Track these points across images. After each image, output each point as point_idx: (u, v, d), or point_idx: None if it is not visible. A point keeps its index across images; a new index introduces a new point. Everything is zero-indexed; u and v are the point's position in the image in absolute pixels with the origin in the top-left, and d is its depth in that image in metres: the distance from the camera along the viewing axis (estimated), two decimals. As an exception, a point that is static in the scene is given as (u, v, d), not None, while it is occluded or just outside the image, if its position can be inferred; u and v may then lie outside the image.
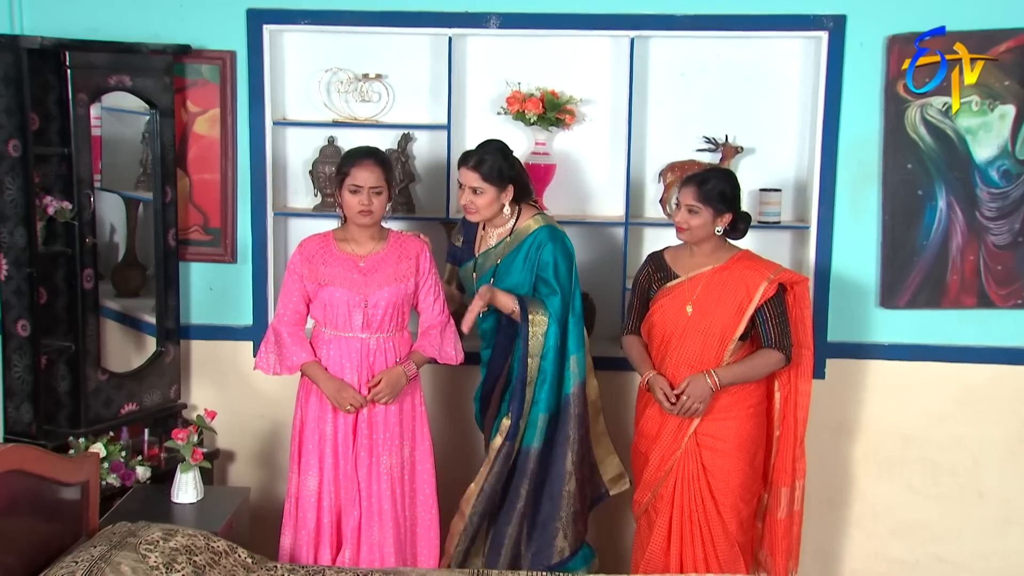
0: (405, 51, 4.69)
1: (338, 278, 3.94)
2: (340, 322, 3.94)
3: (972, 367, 4.57)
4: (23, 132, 4.03)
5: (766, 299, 3.91)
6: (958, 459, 4.64)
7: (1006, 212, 4.44)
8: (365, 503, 3.96)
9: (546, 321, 3.96)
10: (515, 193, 4.06)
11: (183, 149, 4.69)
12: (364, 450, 3.96)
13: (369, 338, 3.95)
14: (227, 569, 3.35)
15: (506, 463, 4.01)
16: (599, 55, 4.65)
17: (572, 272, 4.06)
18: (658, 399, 3.94)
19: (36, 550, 3.22)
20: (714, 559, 3.99)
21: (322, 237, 4.04)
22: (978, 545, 4.67)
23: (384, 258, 3.99)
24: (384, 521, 3.96)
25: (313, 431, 3.98)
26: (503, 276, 4.06)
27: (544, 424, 4.00)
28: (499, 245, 4.10)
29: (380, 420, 3.97)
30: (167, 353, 4.63)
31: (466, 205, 4.03)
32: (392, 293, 3.95)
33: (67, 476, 3.35)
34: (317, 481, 3.97)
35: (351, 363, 3.95)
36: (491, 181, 3.99)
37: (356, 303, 3.92)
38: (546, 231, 4.05)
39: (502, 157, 4.03)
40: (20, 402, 4.14)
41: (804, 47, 4.56)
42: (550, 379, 3.98)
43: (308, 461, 3.97)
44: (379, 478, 3.96)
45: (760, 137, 4.63)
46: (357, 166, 3.91)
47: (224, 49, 4.60)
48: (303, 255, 3.99)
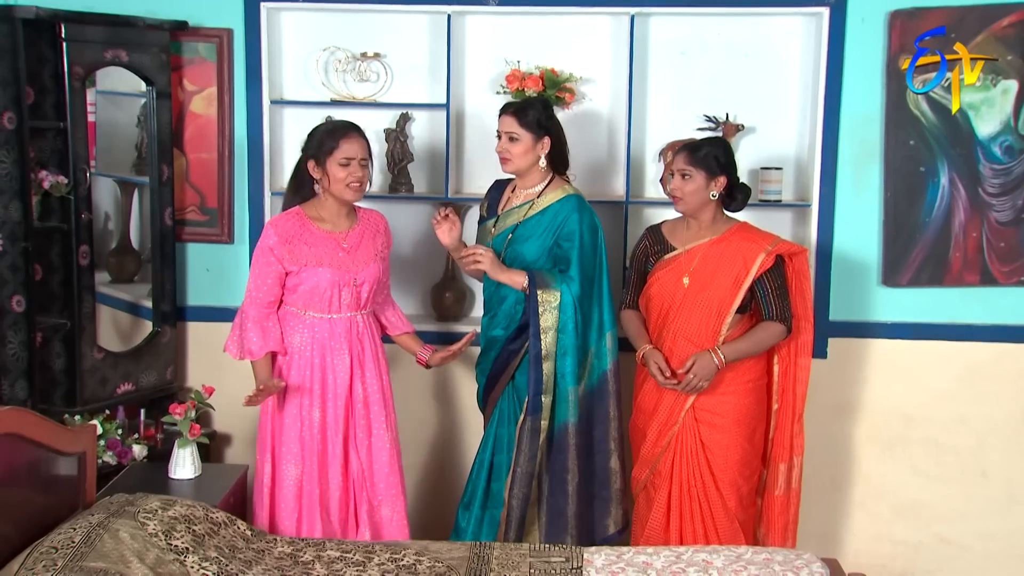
0: (403, 30, 4.66)
1: (324, 258, 3.82)
2: (327, 303, 3.84)
3: (975, 345, 4.54)
4: (18, 104, 3.98)
5: (764, 270, 3.88)
6: (961, 439, 4.61)
7: (1009, 188, 4.42)
8: (370, 483, 3.90)
9: (558, 295, 3.93)
10: (552, 157, 4.03)
11: (180, 128, 4.65)
12: (362, 430, 3.90)
13: (356, 315, 3.89)
14: (226, 539, 3.30)
15: (533, 440, 3.96)
16: (599, 34, 4.63)
17: (598, 246, 4.03)
18: (652, 373, 3.92)
19: (33, 521, 3.17)
20: (714, 535, 3.95)
21: (295, 215, 3.87)
22: (981, 525, 4.63)
23: (362, 234, 3.92)
24: (394, 497, 3.92)
25: (295, 419, 3.85)
26: (522, 237, 4.03)
27: (576, 398, 3.97)
28: (524, 206, 4.06)
29: (377, 398, 3.92)
30: (163, 333, 4.58)
31: (501, 153, 4.00)
32: (376, 269, 3.90)
33: (64, 445, 3.30)
34: (300, 469, 3.85)
35: (341, 344, 3.85)
36: (528, 127, 3.95)
37: (346, 282, 3.84)
38: (575, 200, 4.02)
39: (542, 107, 4.02)
40: (15, 379, 4.09)
41: (805, 24, 4.54)
42: (572, 351, 3.94)
43: (290, 449, 3.85)
44: (382, 455, 3.91)
45: (761, 115, 4.61)
46: (346, 139, 3.82)
47: (221, 27, 4.58)
48: (280, 236, 3.80)
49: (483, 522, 4.06)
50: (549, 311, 3.94)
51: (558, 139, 4.05)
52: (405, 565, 3.29)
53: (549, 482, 4.02)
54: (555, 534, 4.00)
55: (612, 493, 4.08)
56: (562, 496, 4.00)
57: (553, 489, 4.01)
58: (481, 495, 4.07)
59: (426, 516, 4.74)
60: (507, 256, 4.04)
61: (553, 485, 4.01)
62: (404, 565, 3.29)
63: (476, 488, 4.08)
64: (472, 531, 4.06)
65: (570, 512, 4.01)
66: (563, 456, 3.99)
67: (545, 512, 4.02)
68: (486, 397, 4.14)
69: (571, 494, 4.00)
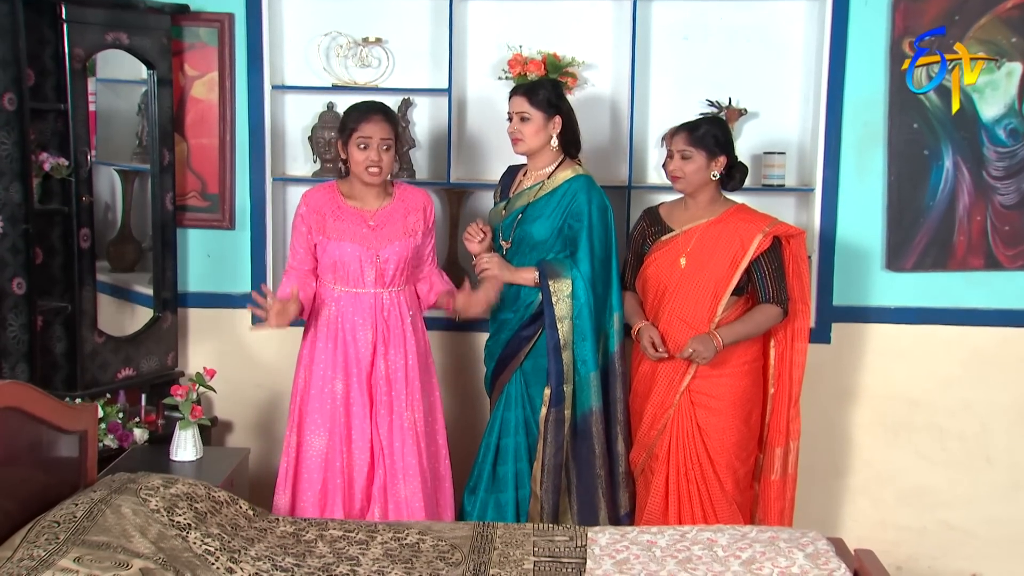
0: (405, 15, 4.65)
1: (347, 233, 3.85)
2: (352, 278, 3.87)
3: (979, 330, 4.53)
4: (18, 85, 3.95)
5: (761, 252, 3.87)
6: (965, 424, 4.59)
7: (1013, 171, 4.41)
8: (388, 461, 3.88)
9: (570, 282, 3.93)
10: (563, 139, 4.02)
11: (181, 114, 4.63)
12: (384, 407, 3.88)
13: (382, 292, 3.88)
14: (229, 518, 3.28)
15: (559, 431, 3.96)
16: (601, 18, 4.61)
17: (608, 226, 4.02)
18: (643, 346, 3.92)
19: (35, 500, 3.14)
20: (712, 519, 3.95)
21: (327, 189, 3.95)
22: (986, 511, 4.61)
23: (392, 212, 3.92)
24: (411, 477, 3.88)
25: (320, 391, 3.88)
26: (531, 217, 4.01)
27: (598, 383, 3.97)
28: (534, 187, 4.05)
29: (401, 377, 3.90)
30: (164, 319, 4.56)
31: (512, 134, 4.00)
32: (403, 247, 3.88)
33: (66, 423, 3.28)
34: (324, 441, 3.87)
35: (364, 319, 3.87)
36: (539, 107, 3.95)
37: (368, 258, 3.84)
38: (584, 180, 4.01)
39: (552, 87, 4.02)
40: (16, 362, 4.06)
41: (808, 8, 4.52)
42: (590, 335, 3.95)
43: (315, 420, 3.87)
44: (403, 434, 3.88)
45: (764, 100, 4.59)
46: (367, 120, 3.82)
47: (222, 11, 4.56)
48: (310, 206, 3.89)
49: (488, 506, 4.05)
50: (562, 300, 3.93)
51: (569, 119, 4.04)
52: (408, 544, 3.27)
53: (577, 470, 4.01)
54: (588, 522, 3.97)
55: (624, 474, 4.07)
56: (592, 482, 4.00)
57: (582, 476, 4.00)
58: (487, 478, 4.05)
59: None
60: (516, 236, 4.03)
61: (581, 472, 4.00)
62: (407, 544, 3.27)
63: (482, 472, 4.07)
64: (478, 515, 4.04)
65: (600, 497, 4.01)
66: (588, 442, 3.99)
67: (576, 500, 4.02)
68: (494, 380, 4.12)
69: (602, 478, 4.00)
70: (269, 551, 3.17)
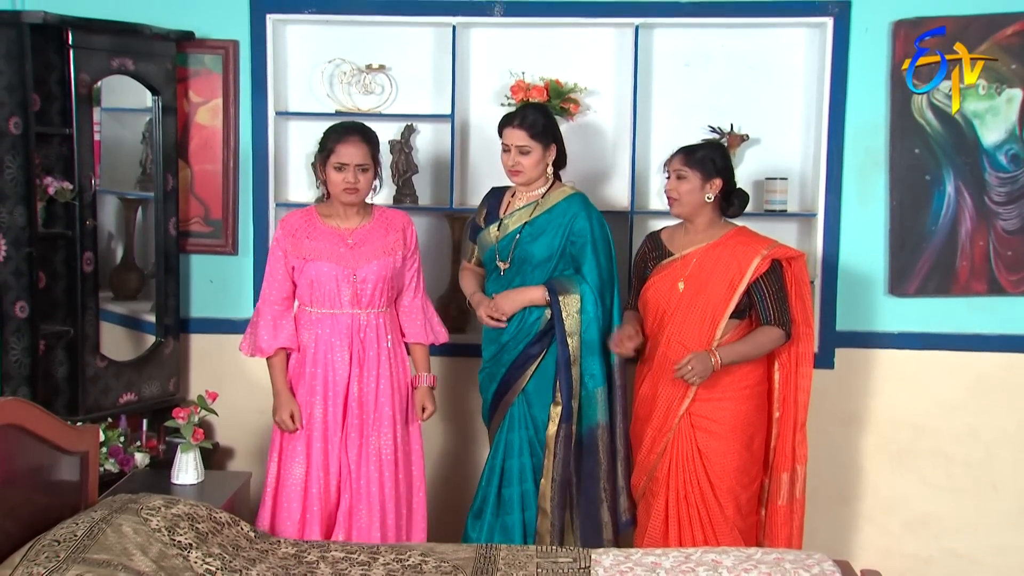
0: (408, 42, 4.68)
1: (324, 252, 3.83)
2: (328, 299, 3.84)
3: (983, 355, 4.51)
4: (24, 110, 3.98)
5: (759, 274, 3.85)
6: (971, 450, 4.56)
7: (1015, 197, 4.41)
8: (354, 485, 3.85)
9: (579, 297, 3.95)
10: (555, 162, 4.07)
11: (185, 139, 4.66)
12: (355, 431, 3.85)
13: (359, 314, 3.86)
14: (230, 538, 3.27)
15: (567, 447, 3.97)
16: (603, 45, 4.64)
17: (609, 241, 4.06)
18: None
19: (35, 520, 3.12)
20: (714, 543, 3.89)
21: (304, 212, 3.93)
22: (993, 539, 4.58)
23: (371, 231, 3.91)
24: (372, 504, 3.84)
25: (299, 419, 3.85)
26: (531, 236, 4.02)
27: (605, 397, 3.99)
28: (529, 206, 4.06)
29: (371, 401, 3.86)
30: (166, 345, 4.56)
31: (512, 167, 4.01)
32: (381, 266, 3.86)
33: (67, 443, 3.26)
34: (303, 469, 3.83)
35: (341, 341, 3.84)
36: (538, 138, 3.98)
37: (345, 277, 3.82)
38: (580, 199, 4.05)
39: (545, 115, 4.04)
40: (17, 386, 4.05)
41: (809, 35, 4.55)
42: (598, 349, 3.97)
43: (294, 449, 3.84)
44: (368, 460, 3.85)
45: (765, 126, 4.61)
46: (343, 142, 3.81)
47: (227, 39, 4.60)
48: (285, 230, 3.87)
49: (495, 530, 4.02)
50: (572, 315, 3.95)
51: (561, 143, 4.09)
52: (411, 565, 3.25)
53: (581, 484, 4.00)
54: (592, 536, 3.98)
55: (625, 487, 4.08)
56: (596, 495, 4.00)
57: (586, 490, 4.00)
58: (493, 501, 4.03)
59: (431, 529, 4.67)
60: (515, 256, 4.03)
61: (586, 486, 4.00)
62: (410, 565, 3.25)
63: (488, 495, 4.05)
64: (485, 540, 4.01)
65: (605, 510, 4.00)
66: (595, 456, 4.00)
67: (580, 514, 4.01)
68: (496, 403, 4.10)
69: (608, 491, 4.01)
70: (271, 572, 3.15)
